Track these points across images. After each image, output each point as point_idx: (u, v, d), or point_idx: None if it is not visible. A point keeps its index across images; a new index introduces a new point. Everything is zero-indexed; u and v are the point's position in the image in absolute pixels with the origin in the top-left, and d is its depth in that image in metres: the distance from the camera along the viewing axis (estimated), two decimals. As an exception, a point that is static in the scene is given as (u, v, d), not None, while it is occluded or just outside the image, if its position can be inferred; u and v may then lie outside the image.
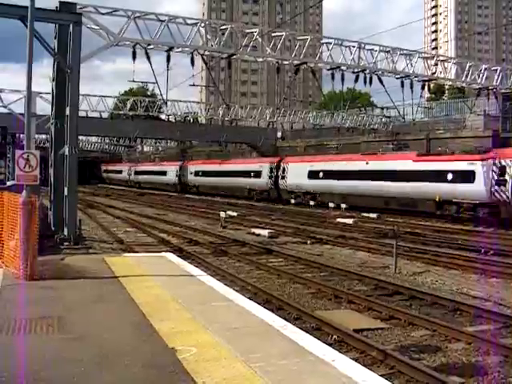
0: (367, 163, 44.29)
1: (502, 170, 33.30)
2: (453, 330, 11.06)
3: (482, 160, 34.64)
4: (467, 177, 35.16)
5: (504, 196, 32.98)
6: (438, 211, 37.39)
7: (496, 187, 33.44)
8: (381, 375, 7.25)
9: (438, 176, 36.92)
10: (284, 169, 54.91)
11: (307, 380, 6.44)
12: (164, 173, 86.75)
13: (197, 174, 76.88)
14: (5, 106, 49.64)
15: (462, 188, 35.34)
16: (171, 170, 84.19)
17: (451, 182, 36.22)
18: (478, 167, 34.74)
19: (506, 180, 32.98)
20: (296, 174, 52.41)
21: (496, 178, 33.47)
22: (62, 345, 7.61)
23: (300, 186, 51.84)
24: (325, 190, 48.09)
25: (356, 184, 43.96)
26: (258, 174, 58.78)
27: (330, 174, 47.42)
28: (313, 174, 49.94)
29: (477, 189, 34.38)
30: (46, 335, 8.10)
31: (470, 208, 35.21)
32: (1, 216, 14.12)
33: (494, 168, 33.75)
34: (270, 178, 56.83)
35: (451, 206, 36.48)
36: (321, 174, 48.97)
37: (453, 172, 36.25)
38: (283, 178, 54.81)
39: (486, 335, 10.89)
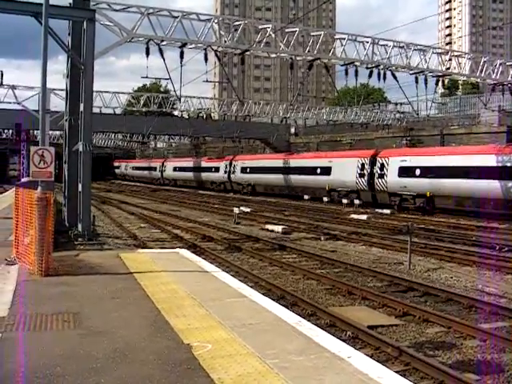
0: (193, 163, 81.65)
1: (229, 166, 68.14)
2: (468, 326, 11.02)
3: (223, 161, 70.44)
4: (218, 169, 71.17)
5: (225, 179, 69.06)
6: (207, 185, 74.67)
7: (224, 174, 69.21)
8: (396, 372, 7.22)
9: (211, 169, 73.44)
10: (165, 166, 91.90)
11: (323, 376, 6.43)
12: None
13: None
14: (19, 103, 49.86)
15: (215, 175, 72.09)
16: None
17: (213, 172, 72.59)
18: (221, 164, 70.38)
19: (229, 171, 67.96)
20: (169, 169, 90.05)
21: (225, 170, 68.91)
22: (77, 340, 7.65)
23: (170, 175, 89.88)
24: (176, 178, 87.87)
25: (186, 174, 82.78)
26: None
27: (180, 169, 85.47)
28: (174, 169, 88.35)
29: (220, 175, 70.46)
30: (61, 331, 8.15)
31: (218, 184, 71.66)
32: (16, 212, 14.20)
33: (226, 165, 69.03)
34: (159, 171, 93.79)
35: (213, 184, 72.82)
36: (176, 169, 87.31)
37: (214, 167, 72.63)
38: (164, 171, 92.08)
39: (501, 332, 10.84)
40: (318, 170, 50.30)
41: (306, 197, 52.88)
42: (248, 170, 63.83)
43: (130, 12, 25.18)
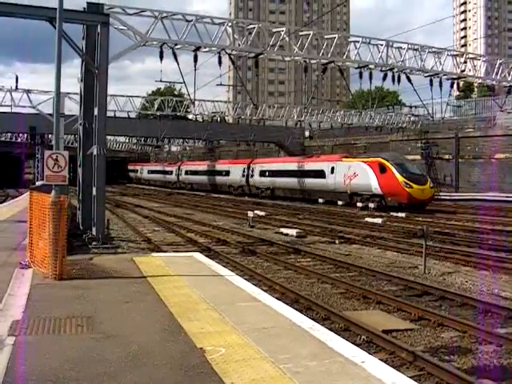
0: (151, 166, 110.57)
1: (177, 170, 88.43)
2: (483, 331, 10.90)
3: (174, 166, 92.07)
4: (172, 172, 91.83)
5: (176, 179, 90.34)
6: (166, 185, 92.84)
7: (175, 176, 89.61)
8: (410, 377, 7.16)
9: (168, 172, 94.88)
10: (142, 169, 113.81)
11: (337, 381, 6.38)
12: None
13: None
14: (33, 107, 50.16)
15: (170, 176, 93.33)
16: None
17: (169, 174, 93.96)
18: (173, 169, 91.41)
19: (178, 173, 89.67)
20: (145, 171, 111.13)
21: (175, 173, 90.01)
22: (91, 344, 7.65)
23: (145, 177, 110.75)
24: (149, 179, 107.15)
25: (154, 175, 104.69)
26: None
27: (151, 172, 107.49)
28: (147, 172, 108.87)
29: (172, 177, 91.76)
30: (75, 335, 8.15)
31: (172, 183, 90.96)
32: (30, 216, 14.26)
33: (176, 169, 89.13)
34: (139, 173, 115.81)
35: (170, 183, 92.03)
36: (149, 171, 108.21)
37: (169, 171, 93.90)
38: (142, 173, 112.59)
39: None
40: (223, 173, 73.39)
41: (320, 200, 53.08)
42: (189, 173, 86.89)
43: (144, 16, 25.24)
